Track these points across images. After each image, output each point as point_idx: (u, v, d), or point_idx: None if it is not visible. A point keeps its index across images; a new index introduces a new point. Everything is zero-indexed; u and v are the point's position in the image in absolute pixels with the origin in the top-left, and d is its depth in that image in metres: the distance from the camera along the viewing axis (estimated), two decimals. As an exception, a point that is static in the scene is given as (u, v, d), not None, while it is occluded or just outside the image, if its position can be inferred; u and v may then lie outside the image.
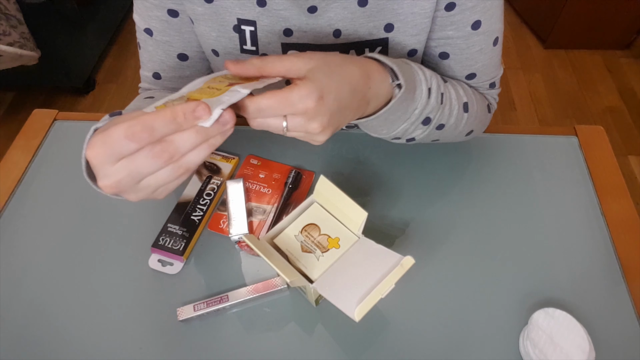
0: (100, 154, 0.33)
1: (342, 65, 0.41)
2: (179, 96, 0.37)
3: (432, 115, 0.51)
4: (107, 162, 0.33)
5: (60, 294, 0.54)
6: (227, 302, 0.51)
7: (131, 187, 0.35)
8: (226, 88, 0.37)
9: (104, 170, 0.34)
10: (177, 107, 0.32)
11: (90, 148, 0.33)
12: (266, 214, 0.58)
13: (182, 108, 0.32)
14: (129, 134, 0.32)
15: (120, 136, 0.32)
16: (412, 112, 0.49)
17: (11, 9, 1.48)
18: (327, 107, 0.38)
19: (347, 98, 0.40)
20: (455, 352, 0.48)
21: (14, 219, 0.61)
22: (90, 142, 0.34)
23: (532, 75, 1.96)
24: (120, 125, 0.32)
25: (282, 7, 0.51)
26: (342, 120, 0.41)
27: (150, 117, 0.32)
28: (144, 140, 0.32)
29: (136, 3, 0.55)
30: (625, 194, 0.60)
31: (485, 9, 0.51)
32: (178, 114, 0.32)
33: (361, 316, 0.39)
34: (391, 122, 0.49)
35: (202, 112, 0.33)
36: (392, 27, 0.53)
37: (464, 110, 0.54)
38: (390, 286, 0.41)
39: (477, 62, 0.56)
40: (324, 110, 0.38)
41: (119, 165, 0.34)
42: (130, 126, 0.32)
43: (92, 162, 0.34)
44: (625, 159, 1.65)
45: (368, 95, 0.43)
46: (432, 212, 0.59)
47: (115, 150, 0.33)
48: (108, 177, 0.34)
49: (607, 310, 0.51)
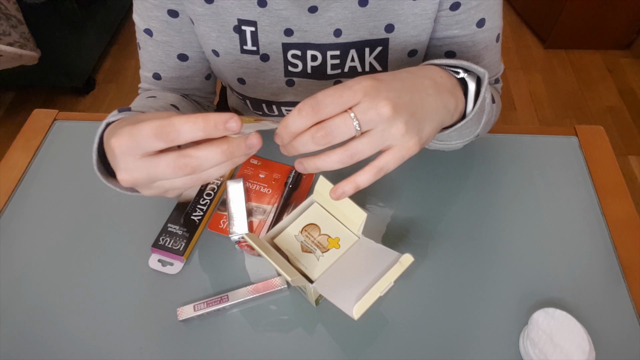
0: (126, 145, 0.33)
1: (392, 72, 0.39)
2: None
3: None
4: (130, 155, 0.33)
5: (60, 294, 0.54)
6: (227, 302, 0.51)
7: (147, 185, 0.35)
8: (254, 120, 0.36)
9: (125, 162, 0.34)
10: (211, 115, 0.31)
11: (117, 137, 0.33)
12: (266, 214, 0.58)
13: (215, 117, 0.31)
14: (159, 133, 0.32)
15: (149, 133, 0.32)
16: (490, 103, 0.46)
17: (11, 9, 1.48)
18: (386, 84, 0.35)
19: (407, 79, 0.38)
20: (455, 352, 0.48)
21: (14, 219, 0.61)
22: (117, 131, 0.33)
23: (532, 75, 1.96)
24: (151, 122, 0.32)
25: (282, 7, 0.51)
26: (419, 104, 0.37)
27: (181, 120, 0.31)
28: (172, 142, 0.32)
29: (136, 3, 0.55)
30: (625, 194, 0.60)
31: (489, 7, 0.52)
32: (210, 122, 0.31)
33: (360, 314, 0.39)
34: (477, 118, 0.45)
35: (234, 124, 0.31)
36: (392, 27, 0.53)
37: (492, 101, 0.53)
38: (389, 284, 0.41)
39: (483, 59, 0.56)
40: (383, 86, 0.35)
41: (140, 163, 0.33)
42: (161, 126, 0.31)
43: (114, 151, 0.34)
44: (625, 159, 1.65)
45: (440, 81, 0.40)
46: (432, 212, 0.59)
47: (141, 146, 0.32)
48: (127, 171, 0.34)
49: (607, 310, 0.51)
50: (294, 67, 0.57)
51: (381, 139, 0.35)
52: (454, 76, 0.42)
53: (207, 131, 0.31)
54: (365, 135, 0.35)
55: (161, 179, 0.34)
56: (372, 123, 0.34)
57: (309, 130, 0.34)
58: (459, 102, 0.42)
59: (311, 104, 0.34)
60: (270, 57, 0.56)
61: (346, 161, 0.35)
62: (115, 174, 0.35)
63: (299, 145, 0.35)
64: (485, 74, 0.42)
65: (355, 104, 0.34)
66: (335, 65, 0.56)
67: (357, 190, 0.37)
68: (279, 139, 0.36)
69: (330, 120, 0.34)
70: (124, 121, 0.38)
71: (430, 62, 0.43)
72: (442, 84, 0.40)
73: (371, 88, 0.34)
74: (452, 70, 0.43)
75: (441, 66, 0.43)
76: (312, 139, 0.34)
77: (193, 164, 0.33)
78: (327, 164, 0.36)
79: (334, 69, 0.57)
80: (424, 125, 0.37)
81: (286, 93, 0.60)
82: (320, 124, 0.34)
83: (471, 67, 0.42)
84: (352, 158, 0.35)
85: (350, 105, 0.34)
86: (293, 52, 0.56)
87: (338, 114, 0.34)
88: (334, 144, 0.35)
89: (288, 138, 0.35)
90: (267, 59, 0.56)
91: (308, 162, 0.37)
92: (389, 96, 0.35)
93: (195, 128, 0.31)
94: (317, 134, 0.34)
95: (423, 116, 0.37)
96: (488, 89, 0.44)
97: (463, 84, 0.43)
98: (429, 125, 0.38)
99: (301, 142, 0.35)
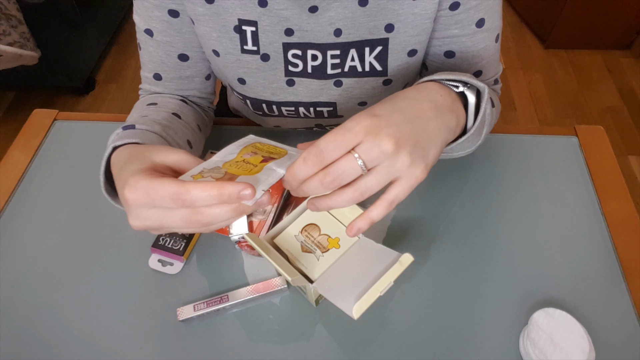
0: (140, 200, 0.34)
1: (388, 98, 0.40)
2: (213, 165, 0.38)
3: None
4: (143, 208, 0.35)
5: (60, 294, 0.54)
6: (227, 302, 0.51)
7: (156, 230, 0.37)
8: (261, 165, 0.37)
9: (137, 212, 0.35)
10: (226, 187, 0.32)
11: (131, 190, 0.34)
12: (266, 214, 0.58)
13: (230, 189, 0.32)
14: (175, 199, 0.33)
15: (165, 196, 0.33)
16: (490, 112, 0.46)
17: (11, 9, 1.48)
18: (385, 119, 0.36)
19: (406, 108, 0.38)
20: (455, 352, 0.48)
21: (14, 219, 0.61)
22: (132, 182, 0.35)
23: (532, 75, 1.96)
24: (168, 186, 0.33)
25: (283, 6, 0.51)
26: (421, 132, 0.37)
27: (198, 189, 0.32)
28: (186, 207, 0.34)
29: (136, 3, 0.55)
30: (625, 194, 0.60)
31: (488, 7, 0.52)
32: (224, 193, 0.32)
33: (359, 314, 0.39)
34: (478, 132, 0.45)
35: (247, 195, 0.32)
36: (392, 27, 0.53)
37: (492, 105, 0.54)
38: (388, 283, 0.41)
39: (482, 60, 0.56)
40: (383, 122, 0.35)
41: (153, 214, 0.35)
42: (177, 193, 0.33)
43: (128, 202, 0.35)
44: (625, 159, 1.65)
45: (440, 101, 0.40)
46: (432, 212, 0.59)
47: (155, 203, 0.34)
48: (139, 219, 0.36)
49: (607, 310, 0.51)
50: (294, 67, 0.57)
51: (388, 174, 0.36)
52: (453, 90, 0.43)
53: (221, 201, 0.33)
54: (372, 172, 0.36)
55: (172, 228, 0.36)
56: (377, 160, 0.35)
57: (317, 176, 0.35)
58: (460, 117, 0.42)
59: (315, 153, 0.35)
60: (270, 57, 0.56)
61: (357, 199, 0.36)
62: (128, 217, 0.37)
63: (309, 189, 0.36)
64: (485, 89, 0.42)
65: (357, 144, 0.35)
66: (335, 64, 0.56)
67: (372, 224, 0.38)
68: (287, 185, 0.37)
69: (336, 164, 0.35)
70: (133, 158, 0.39)
71: (428, 78, 0.43)
72: (441, 104, 0.40)
73: (372, 127, 0.35)
74: (451, 84, 0.43)
75: (440, 81, 0.43)
76: (321, 184, 0.35)
77: (204, 220, 0.34)
78: (338, 204, 0.37)
79: (334, 68, 0.57)
80: (429, 151, 0.38)
81: (286, 93, 0.60)
82: (326, 168, 0.35)
83: (470, 81, 0.43)
84: (363, 195, 0.36)
85: (352, 146, 0.35)
86: (293, 52, 0.56)
87: (342, 157, 0.35)
88: (342, 185, 0.36)
89: (296, 185, 0.36)
90: (268, 59, 0.56)
91: (320, 202, 0.38)
92: (390, 132, 0.35)
93: (210, 197, 0.32)
94: (326, 179, 0.35)
95: (426, 142, 0.38)
96: (488, 101, 0.44)
97: (462, 96, 0.44)
98: (433, 149, 0.38)
99: (310, 187, 0.36)
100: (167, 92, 0.63)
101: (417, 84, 0.42)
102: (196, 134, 0.60)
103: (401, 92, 0.40)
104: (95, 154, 0.67)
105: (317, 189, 0.36)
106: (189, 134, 0.57)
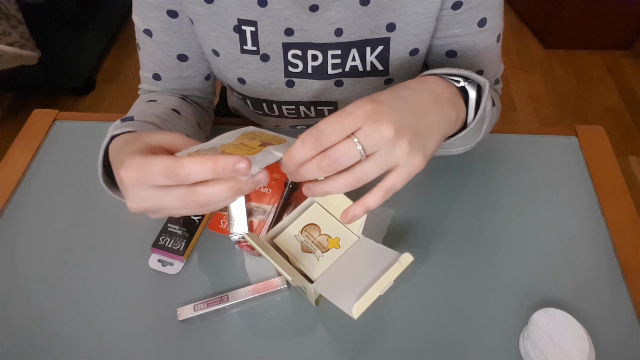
0: (135, 178, 0.34)
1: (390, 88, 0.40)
2: (211, 146, 0.37)
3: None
4: (139, 187, 0.34)
5: (60, 294, 0.54)
6: (227, 302, 0.51)
7: (154, 212, 0.37)
8: (259, 148, 0.37)
9: (133, 193, 0.35)
10: (220, 159, 0.32)
11: (126, 169, 0.34)
12: (266, 214, 0.58)
13: (224, 161, 0.32)
14: (168, 173, 0.32)
15: (159, 171, 0.33)
16: (490, 109, 0.46)
17: (11, 9, 1.48)
18: (386, 105, 0.35)
19: (407, 97, 0.38)
20: (455, 352, 0.48)
21: (14, 219, 0.61)
22: (127, 161, 0.34)
23: (532, 75, 1.96)
24: (161, 161, 0.33)
25: (283, 6, 0.51)
26: (421, 121, 0.37)
27: (191, 162, 0.32)
28: (181, 182, 0.33)
29: (135, 3, 0.55)
30: (625, 194, 0.60)
31: (490, 6, 0.52)
32: (219, 165, 0.32)
33: (359, 313, 0.39)
34: (478, 127, 0.45)
35: (243, 168, 0.32)
36: (394, 26, 0.53)
37: (492, 104, 0.54)
38: (388, 283, 0.41)
39: (483, 59, 0.56)
40: (384, 108, 0.35)
41: (149, 194, 0.34)
42: (171, 167, 0.32)
43: (124, 182, 0.35)
44: (625, 159, 1.65)
45: (440, 93, 0.40)
46: (432, 212, 0.59)
47: (150, 181, 0.33)
48: (136, 201, 0.35)
49: (607, 310, 0.51)
50: (294, 67, 0.57)
51: (386, 161, 0.35)
52: (454, 85, 0.43)
53: (216, 173, 0.32)
54: (370, 158, 0.35)
55: (168, 209, 0.35)
56: (376, 146, 0.35)
57: (315, 159, 0.35)
58: (460, 112, 0.42)
59: (314, 135, 0.34)
60: (270, 57, 0.56)
61: (353, 185, 0.36)
62: (125, 200, 0.36)
63: (306, 173, 0.36)
64: (486, 83, 0.42)
65: (357, 129, 0.34)
66: (336, 64, 0.56)
67: (368, 212, 0.38)
68: (284, 168, 0.37)
69: (335, 147, 0.34)
70: (130, 142, 0.38)
71: (430, 72, 0.43)
72: (442, 96, 0.40)
73: (372, 112, 0.35)
74: (452, 79, 0.43)
75: (441, 75, 0.43)
76: (319, 167, 0.35)
77: (201, 200, 0.34)
78: (334, 189, 0.36)
79: (334, 68, 0.57)
80: (428, 142, 0.38)
81: (286, 93, 0.60)
82: (325, 152, 0.35)
83: (472, 76, 0.42)
84: (359, 181, 0.36)
85: (352, 130, 0.34)
86: (293, 52, 0.56)
87: (342, 140, 0.34)
88: (340, 170, 0.35)
89: (294, 168, 0.36)
90: (267, 59, 0.56)
91: (316, 187, 0.38)
92: (391, 118, 0.35)
93: (204, 170, 0.32)
94: (323, 162, 0.35)
95: (426, 132, 0.37)
96: (489, 97, 0.44)
97: (463, 92, 0.43)
98: (432, 140, 0.38)
99: (308, 170, 0.35)
100: (166, 92, 0.63)
101: (419, 77, 0.42)
102: (195, 131, 0.60)
103: (403, 83, 0.40)
104: (95, 154, 0.66)
105: (314, 172, 0.35)
106: (188, 130, 0.57)
